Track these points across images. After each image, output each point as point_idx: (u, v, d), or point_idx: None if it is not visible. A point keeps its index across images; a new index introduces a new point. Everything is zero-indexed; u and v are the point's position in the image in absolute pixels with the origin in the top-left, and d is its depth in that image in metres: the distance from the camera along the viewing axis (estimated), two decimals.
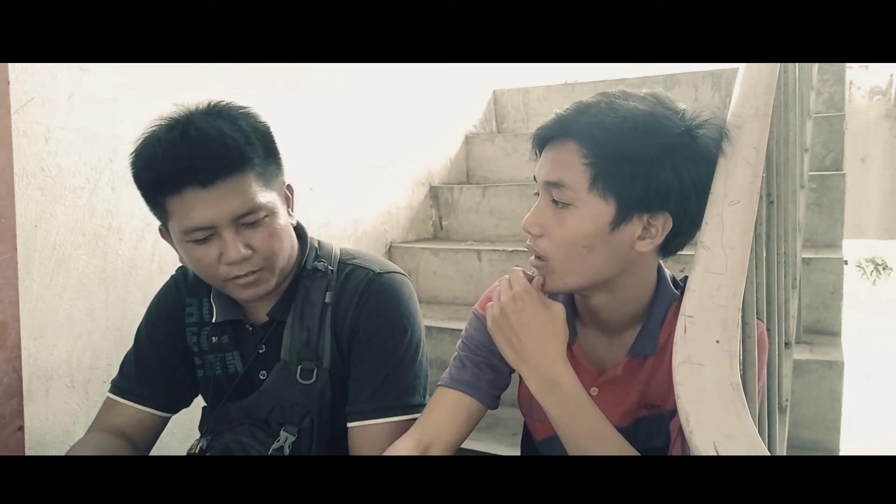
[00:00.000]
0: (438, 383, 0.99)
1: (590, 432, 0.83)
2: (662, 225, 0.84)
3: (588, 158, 0.82)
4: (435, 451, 0.93)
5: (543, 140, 0.88)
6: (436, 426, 0.94)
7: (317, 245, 1.12)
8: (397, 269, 1.12)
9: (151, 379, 1.11)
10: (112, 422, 1.10)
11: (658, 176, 0.81)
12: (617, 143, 0.81)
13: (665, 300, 0.91)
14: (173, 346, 1.12)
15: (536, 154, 0.90)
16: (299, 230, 1.10)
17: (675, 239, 0.87)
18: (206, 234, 0.95)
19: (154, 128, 0.98)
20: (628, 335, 0.93)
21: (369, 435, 1.03)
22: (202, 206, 0.93)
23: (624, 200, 0.82)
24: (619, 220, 0.83)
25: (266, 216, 0.98)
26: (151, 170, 0.95)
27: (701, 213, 0.84)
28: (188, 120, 0.96)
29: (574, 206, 0.84)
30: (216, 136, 0.94)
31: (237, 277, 0.98)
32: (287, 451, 1.03)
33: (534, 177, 0.90)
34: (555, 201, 0.85)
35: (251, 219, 0.96)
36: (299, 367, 1.05)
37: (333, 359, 1.06)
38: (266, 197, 0.98)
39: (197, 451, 1.06)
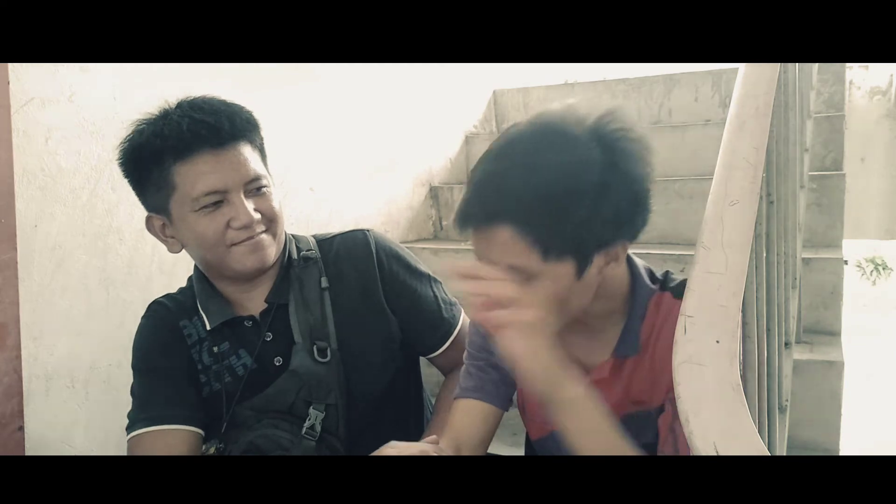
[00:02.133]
0: (453, 397, 1.01)
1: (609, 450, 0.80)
2: (622, 248, 0.83)
3: (530, 236, 0.77)
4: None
5: (471, 224, 0.82)
6: (454, 435, 0.96)
7: (291, 236, 1.16)
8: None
9: (176, 397, 1.06)
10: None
11: (604, 219, 0.78)
12: (554, 216, 0.76)
13: (643, 295, 0.90)
14: (179, 370, 1.09)
15: (465, 233, 0.84)
16: None
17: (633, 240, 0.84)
18: (217, 198, 0.99)
19: (148, 115, 1.02)
20: (609, 333, 0.92)
21: (452, 354, 1.15)
22: (214, 170, 0.99)
23: (581, 254, 0.79)
24: (582, 269, 0.80)
25: (267, 186, 1.04)
26: (160, 139, 0.98)
27: (647, 217, 0.82)
28: (191, 99, 1.03)
29: (534, 278, 0.79)
30: (224, 105, 1.02)
31: (245, 240, 1.01)
32: (318, 429, 1.05)
33: (475, 252, 0.85)
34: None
35: (257, 184, 1.03)
36: (314, 346, 1.07)
37: (340, 340, 1.09)
38: (265, 170, 1.06)
39: (213, 454, 1.05)
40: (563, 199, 0.76)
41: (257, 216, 1.01)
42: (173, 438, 1.04)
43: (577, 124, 0.80)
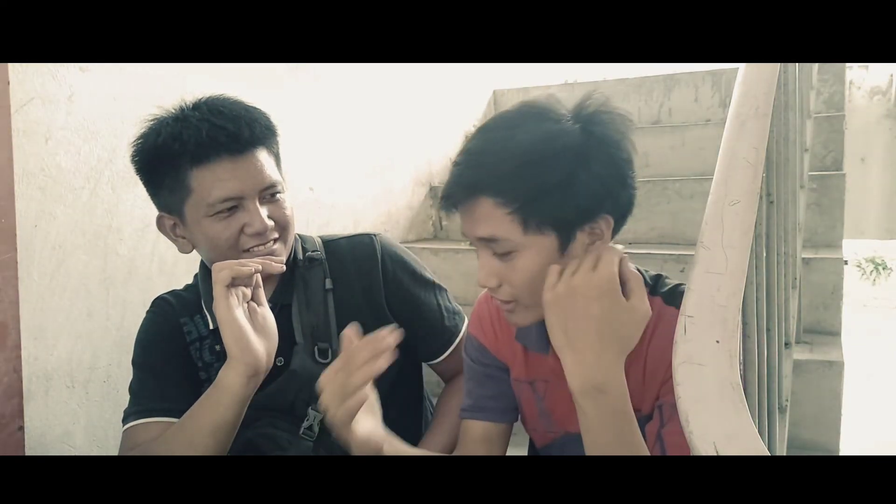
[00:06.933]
0: (457, 415, 1.03)
1: (625, 451, 0.77)
2: (606, 224, 0.82)
3: (509, 207, 0.79)
4: None
5: (454, 203, 0.83)
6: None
7: (298, 236, 1.15)
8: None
9: (170, 391, 1.06)
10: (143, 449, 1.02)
11: (582, 189, 0.78)
12: (530, 182, 0.77)
13: None
14: (175, 366, 1.09)
15: (451, 212, 0.85)
16: None
17: (619, 224, 0.84)
18: (233, 204, 0.99)
19: (165, 113, 1.01)
20: None
21: (453, 361, 1.16)
22: (232, 176, 0.99)
23: (562, 226, 0.80)
24: (566, 243, 0.81)
25: (281, 192, 1.04)
26: (179, 142, 0.97)
27: (631, 194, 0.82)
28: (210, 99, 1.02)
29: (517, 252, 0.81)
30: (244, 110, 1.02)
31: (257, 246, 1.02)
32: (317, 430, 1.05)
33: (462, 232, 0.86)
34: (496, 253, 0.82)
35: (272, 191, 1.03)
36: (315, 347, 1.08)
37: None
38: (280, 176, 1.05)
39: None
40: (537, 164, 0.77)
41: (270, 223, 1.01)
42: (164, 431, 1.03)
43: (557, 104, 0.83)
